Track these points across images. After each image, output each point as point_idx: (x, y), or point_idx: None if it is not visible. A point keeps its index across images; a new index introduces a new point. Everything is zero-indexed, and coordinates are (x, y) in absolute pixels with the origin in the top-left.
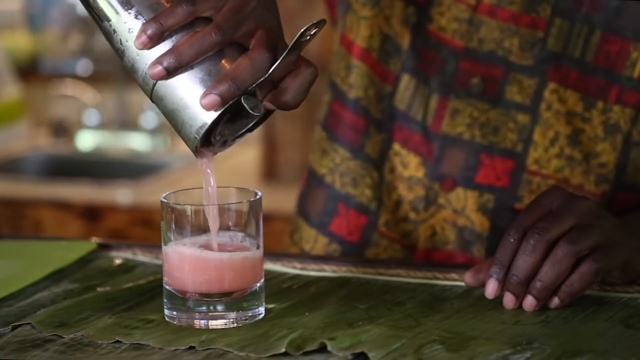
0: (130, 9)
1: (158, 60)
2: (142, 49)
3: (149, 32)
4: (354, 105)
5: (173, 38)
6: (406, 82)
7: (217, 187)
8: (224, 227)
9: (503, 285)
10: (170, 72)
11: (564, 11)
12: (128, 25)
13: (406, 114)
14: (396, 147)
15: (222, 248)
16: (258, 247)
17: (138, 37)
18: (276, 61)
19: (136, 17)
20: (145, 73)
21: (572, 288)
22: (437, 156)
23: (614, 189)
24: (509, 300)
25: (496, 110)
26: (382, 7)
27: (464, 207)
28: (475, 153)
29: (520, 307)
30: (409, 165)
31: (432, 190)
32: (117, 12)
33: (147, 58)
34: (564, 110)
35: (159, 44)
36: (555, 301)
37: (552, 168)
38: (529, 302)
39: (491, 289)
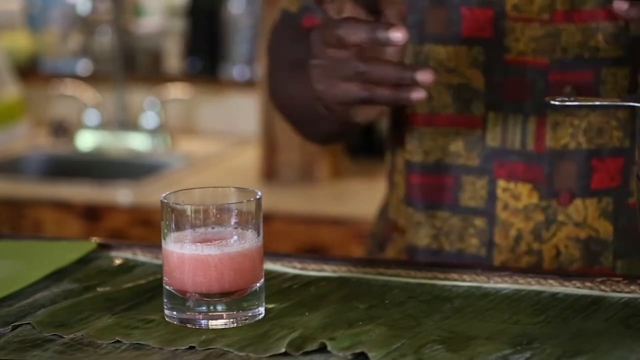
0: None
1: None
2: None
3: None
4: (421, 168)
5: None
6: (493, 119)
7: (217, 187)
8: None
9: None
10: None
11: None
12: None
13: (502, 148)
14: (502, 183)
15: (221, 241)
16: (258, 247)
17: None
18: None
19: None
20: None
21: None
22: (547, 174)
23: None
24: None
25: (595, 112)
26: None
27: (585, 217)
28: (585, 160)
29: (520, 307)
30: (521, 196)
31: (550, 208)
32: None
33: None
34: None
35: None
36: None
37: None
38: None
39: None
